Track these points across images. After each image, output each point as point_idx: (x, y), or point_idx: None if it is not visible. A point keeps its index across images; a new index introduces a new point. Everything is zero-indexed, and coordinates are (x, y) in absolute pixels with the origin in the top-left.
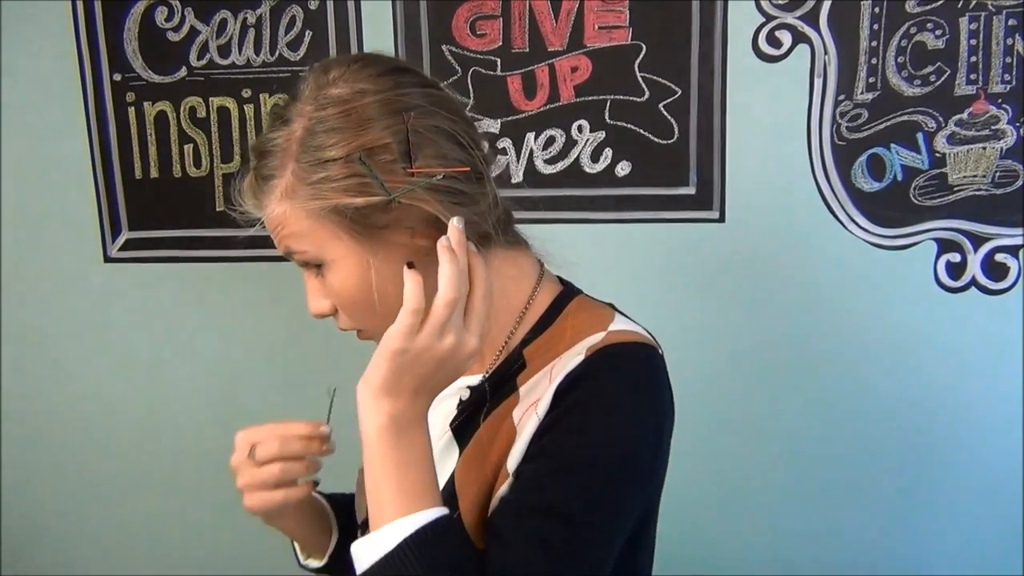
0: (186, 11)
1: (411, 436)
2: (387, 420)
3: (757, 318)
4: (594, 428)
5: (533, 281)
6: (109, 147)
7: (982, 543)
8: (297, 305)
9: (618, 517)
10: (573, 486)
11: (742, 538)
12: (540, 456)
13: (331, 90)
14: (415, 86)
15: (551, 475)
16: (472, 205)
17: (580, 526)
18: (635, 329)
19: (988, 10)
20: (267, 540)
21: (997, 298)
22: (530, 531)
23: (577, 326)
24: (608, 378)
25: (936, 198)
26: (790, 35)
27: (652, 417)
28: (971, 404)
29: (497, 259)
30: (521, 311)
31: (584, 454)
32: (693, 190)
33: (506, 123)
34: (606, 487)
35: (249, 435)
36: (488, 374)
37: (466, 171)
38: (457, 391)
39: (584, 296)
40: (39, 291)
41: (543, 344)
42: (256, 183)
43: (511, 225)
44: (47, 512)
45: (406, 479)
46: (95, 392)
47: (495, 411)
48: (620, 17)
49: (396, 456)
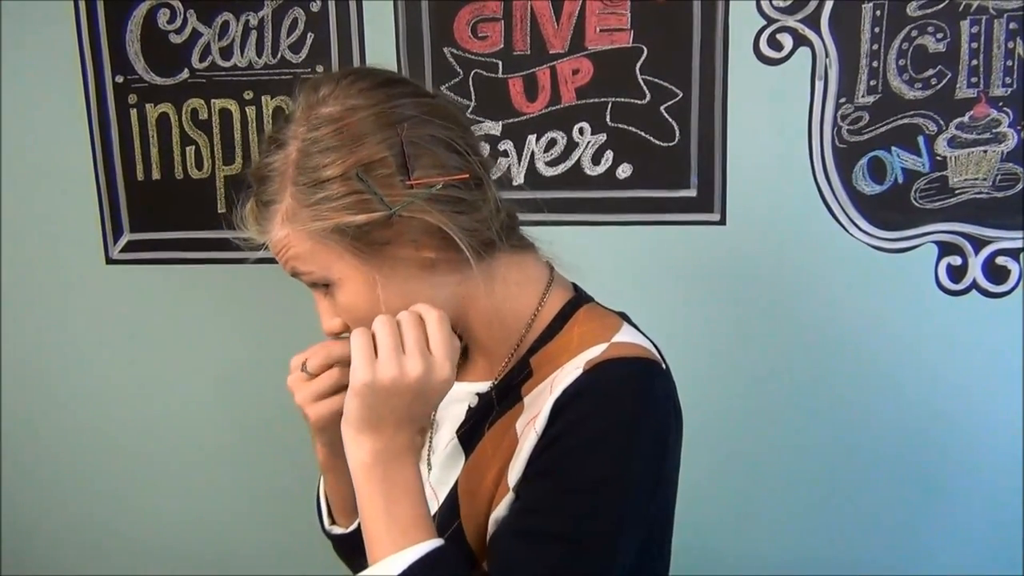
0: (188, 13)
1: (397, 470)
2: (370, 457)
3: (758, 320)
4: (592, 448)
5: (542, 287)
6: (111, 149)
7: (982, 543)
8: (297, 307)
9: (622, 536)
10: (575, 509)
11: (739, 538)
12: (540, 477)
13: (322, 109)
14: (407, 96)
15: (553, 497)
16: (474, 212)
17: (583, 549)
18: (638, 342)
19: (989, 13)
20: (269, 540)
21: (998, 301)
22: (534, 555)
23: (584, 335)
24: (603, 396)
25: (937, 201)
26: (791, 38)
27: (650, 433)
28: (971, 406)
29: (502, 265)
30: (530, 318)
31: (584, 475)
32: (694, 192)
33: (507, 125)
34: (609, 508)
35: (298, 357)
36: (496, 382)
37: (465, 178)
38: (466, 397)
39: (594, 304)
40: (41, 293)
41: (549, 353)
42: (257, 209)
43: (516, 229)
44: (47, 512)
45: (394, 513)
46: (96, 393)
47: (500, 420)
48: (621, 20)
49: (384, 491)
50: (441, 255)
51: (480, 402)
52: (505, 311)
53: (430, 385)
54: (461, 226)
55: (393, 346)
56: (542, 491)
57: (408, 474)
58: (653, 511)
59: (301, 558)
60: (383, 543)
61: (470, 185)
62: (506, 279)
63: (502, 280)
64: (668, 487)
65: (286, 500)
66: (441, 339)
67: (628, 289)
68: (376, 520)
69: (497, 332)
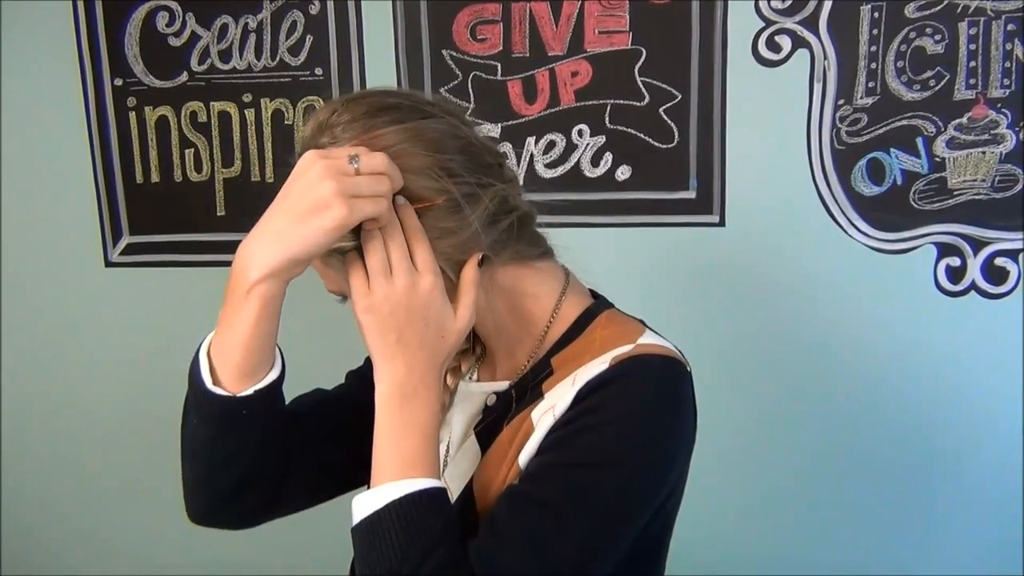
0: (187, 16)
1: (413, 405)
2: (390, 388)
3: (757, 322)
4: (607, 431)
5: (557, 293)
6: (110, 152)
7: (982, 544)
8: (296, 308)
9: (615, 524)
10: (573, 484)
11: (737, 538)
12: (548, 451)
13: (320, 140)
14: (389, 125)
15: (553, 469)
16: (448, 238)
17: (572, 524)
18: (664, 344)
19: (987, 15)
20: (268, 541)
21: (997, 302)
22: (520, 520)
23: (607, 337)
24: (630, 385)
25: (936, 202)
26: (790, 40)
27: (670, 431)
28: (971, 407)
29: (511, 274)
30: (546, 323)
31: (592, 454)
32: (693, 194)
33: (507, 128)
34: (608, 491)
35: (346, 149)
36: (515, 381)
37: (433, 205)
38: (483, 396)
39: (615, 310)
40: (40, 295)
41: (571, 353)
42: None
43: (521, 242)
44: (47, 512)
45: (404, 445)
46: (96, 395)
47: (518, 415)
48: (620, 22)
49: (399, 422)
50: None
51: (499, 400)
52: (518, 318)
53: (419, 298)
54: (439, 251)
55: (381, 269)
56: (544, 462)
57: (424, 413)
58: (653, 508)
59: (301, 558)
60: (389, 469)
61: (444, 210)
62: (515, 288)
63: (511, 289)
64: (674, 489)
65: None
66: (425, 250)
67: (627, 291)
68: (387, 448)
69: (511, 337)
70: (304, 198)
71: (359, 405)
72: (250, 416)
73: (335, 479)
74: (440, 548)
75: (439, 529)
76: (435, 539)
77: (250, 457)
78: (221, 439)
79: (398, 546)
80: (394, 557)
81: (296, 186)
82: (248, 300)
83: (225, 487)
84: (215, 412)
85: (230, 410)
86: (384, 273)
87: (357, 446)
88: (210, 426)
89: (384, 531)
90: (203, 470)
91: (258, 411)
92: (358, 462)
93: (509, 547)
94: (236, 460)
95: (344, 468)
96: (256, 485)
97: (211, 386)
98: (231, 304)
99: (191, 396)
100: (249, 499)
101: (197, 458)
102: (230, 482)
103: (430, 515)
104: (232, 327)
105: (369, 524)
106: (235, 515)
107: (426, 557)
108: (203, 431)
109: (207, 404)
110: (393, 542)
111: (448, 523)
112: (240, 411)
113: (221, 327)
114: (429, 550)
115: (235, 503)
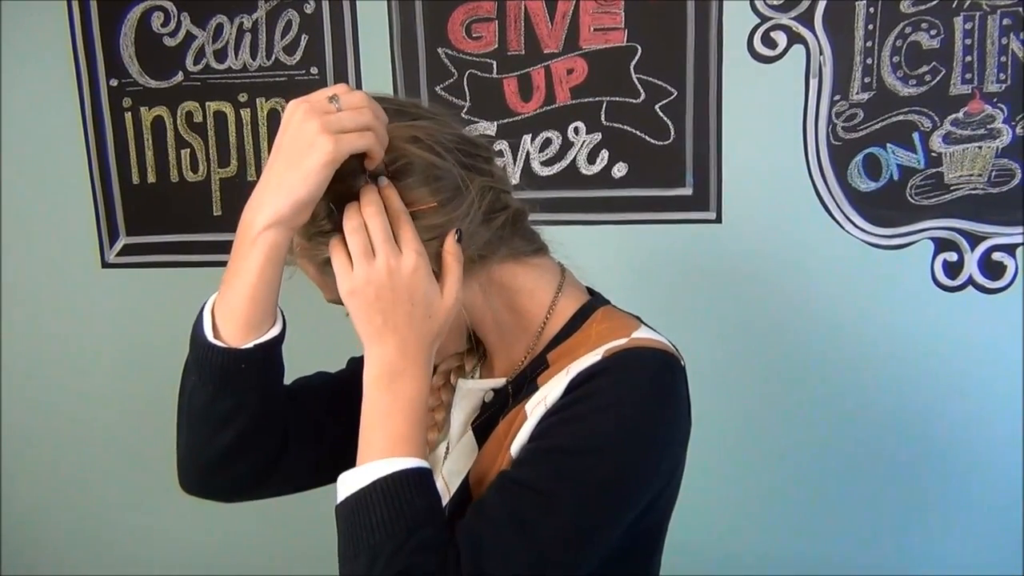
0: (182, 16)
1: (402, 385)
2: (378, 368)
3: (754, 318)
4: (598, 418)
5: (552, 290)
6: (106, 152)
7: (982, 543)
8: (295, 309)
9: (603, 510)
10: (562, 468)
11: (736, 538)
12: (538, 438)
13: None
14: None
15: (543, 454)
16: (437, 240)
17: (560, 507)
18: (659, 339)
19: (982, 10)
20: (267, 542)
21: (994, 297)
22: (508, 502)
23: (602, 332)
24: (623, 375)
25: (932, 197)
26: (785, 36)
27: (662, 420)
28: (969, 403)
29: (506, 272)
30: (542, 320)
31: (582, 440)
32: (689, 191)
33: (502, 125)
34: (597, 476)
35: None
36: (512, 377)
37: (428, 209)
38: (481, 393)
39: (611, 306)
40: (38, 296)
41: (567, 348)
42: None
43: (516, 239)
44: (47, 512)
45: (391, 424)
46: (93, 395)
47: (514, 409)
48: (615, 19)
49: (387, 401)
50: None
51: (496, 396)
52: (515, 314)
53: (402, 276)
54: (432, 251)
55: (363, 251)
56: (534, 448)
57: (412, 393)
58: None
59: (301, 558)
60: (376, 447)
61: (427, 215)
62: (512, 284)
63: (507, 285)
64: (668, 483)
65: (286, 499)
66: (408, 227)
67: (624, 288)
68: (375, 427)
69: (508, 335)
70: (294, 143)
71: (360, 386)
72: (249, 372)
73: (334, 454)
74: (426, 527)
75: (425, 508)
76: (421, 518)
77: (248, 417)
78: (220, 397)
79: (384, 523)
80: (379, 534)
81: (285, 135)
82: (254, 247)
83: (221, 448)
84: (216, 365)
85: (231, 363)
86: (366, 255)
87: (357, 425)
88: (209, 382)
89: (370, 508)
90: (199, 432)
91: (258, 366)
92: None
93: (496, 528)
94: (234, 419)
95: (343, 444)
96: (252, 448)
97: (213, 339)
98: (237, 255)
99: (191, 355)
100: (244, 465)
101: (193, 419)
102: (227, 441)
103: (417, 494)
104: (237, 275)
105: (355, 500)
106: (229, 483)
107: (411, 534)
108: (202, 391)
109: (208, 359)
110: (379, 519)
111: (433, 504)
112: (239, 365)
113: (226, 280)
114: (414, 528)
115: (231, 468)
